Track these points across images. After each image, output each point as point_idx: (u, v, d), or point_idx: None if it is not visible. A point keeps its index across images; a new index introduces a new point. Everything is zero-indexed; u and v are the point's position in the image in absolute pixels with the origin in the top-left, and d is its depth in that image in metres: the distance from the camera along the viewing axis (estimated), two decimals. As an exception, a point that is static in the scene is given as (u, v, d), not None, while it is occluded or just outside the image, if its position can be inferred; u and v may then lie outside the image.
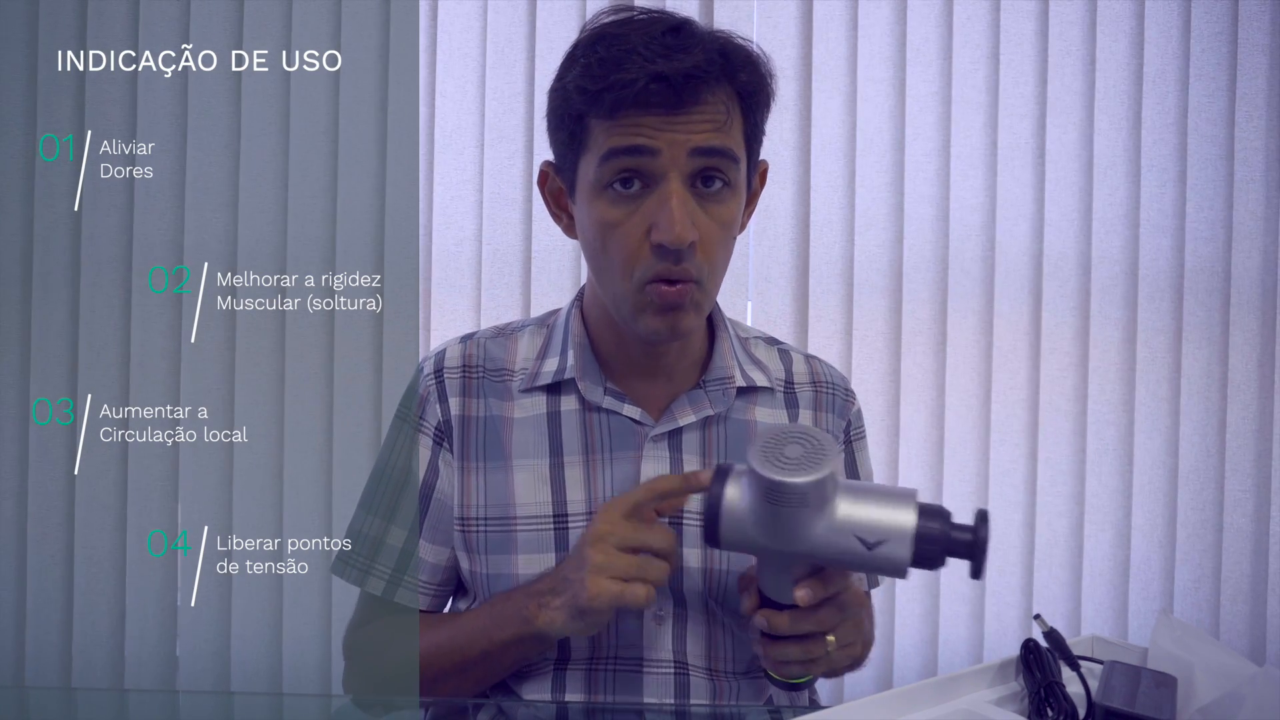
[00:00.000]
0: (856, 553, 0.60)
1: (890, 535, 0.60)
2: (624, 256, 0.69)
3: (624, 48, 0.67)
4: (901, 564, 0.60)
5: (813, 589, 0.63)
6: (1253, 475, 1.54)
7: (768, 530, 0.62)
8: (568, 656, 0.75)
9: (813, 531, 0.61)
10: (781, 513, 0.61)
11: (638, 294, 0.70)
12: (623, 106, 0.66)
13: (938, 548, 0.60)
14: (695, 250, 0.69)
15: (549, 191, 0.78)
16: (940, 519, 0.60)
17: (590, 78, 0.67)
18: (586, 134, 0.70)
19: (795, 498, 0.60)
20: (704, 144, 0.68)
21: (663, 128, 0.67)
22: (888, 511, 0.60)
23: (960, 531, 0.60)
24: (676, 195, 0.67)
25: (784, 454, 0.60)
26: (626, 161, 0.68)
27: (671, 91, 0.66)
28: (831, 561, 0.63)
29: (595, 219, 0.70)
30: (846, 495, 0.61)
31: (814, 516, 0.61)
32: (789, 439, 0.62)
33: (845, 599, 0.66)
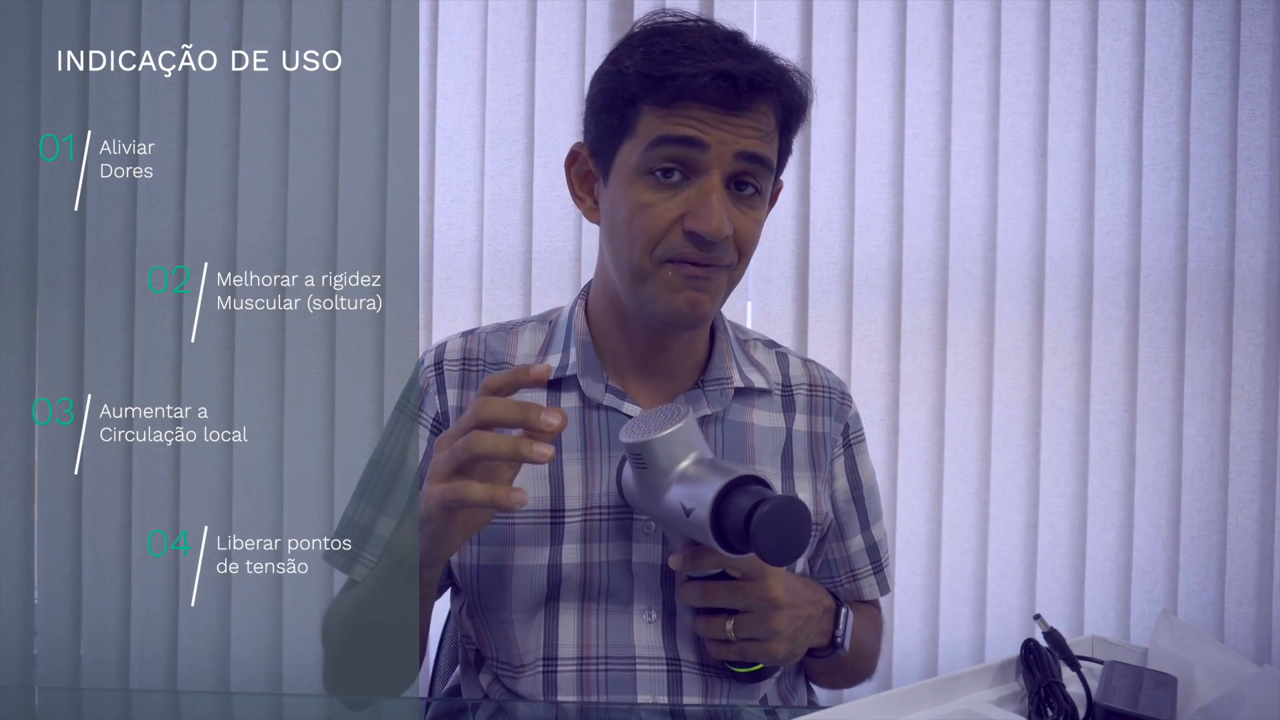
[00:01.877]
0: (679, 519, 0.64)
1: (697, 504, 0.62)
2: (651, 234, 0.71)
3: (688, 43, 0.69)
4: (707, 534, 0.62)
5: (683, 557, 0.69)
6: (1258, 476, 1.53)
7: (636, 491, 0.69)
8: (555, 656, 0.76)
9: (658, 496, 0.66)
10: (636, 474, 0.68)
11: (656, 272, 0.72)
12: (683, 97, 0.68)
13: (729, 521, 0.61)
14: (729, 244, 0.71)
15: (576, 174, 0.79)
16: (747, 496, 0.61)
17: (653, 64, 0.69)
18: (637, 119, 0.71)
19: (636, 458, 0.66)
20: (750, 149, 0.70)
21: (716, 125, 0.69)
22: (706, 483, 0.63)
23: (756, 510, 0.59)
24: (717, 190, 0.69)
25: (646, 424, 0.67)
26: (675, 150, 0.69)
27: (733, 91, 0.68)
28: (676, 529, 0.68)
29: (631, 200, 0.71)
30: (694, 465, 0.65)
31: (658, 481, 0.66)
32: (657, 414, 0.68)
33: (742, 586, 0.69)
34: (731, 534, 0.61)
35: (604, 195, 0.75)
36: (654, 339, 0.78)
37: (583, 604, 0.76)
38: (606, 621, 0.76)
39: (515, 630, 0.76)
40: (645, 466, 0.66)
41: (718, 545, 0.62)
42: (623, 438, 0.67)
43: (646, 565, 0.76)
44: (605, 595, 0.76)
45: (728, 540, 0.62)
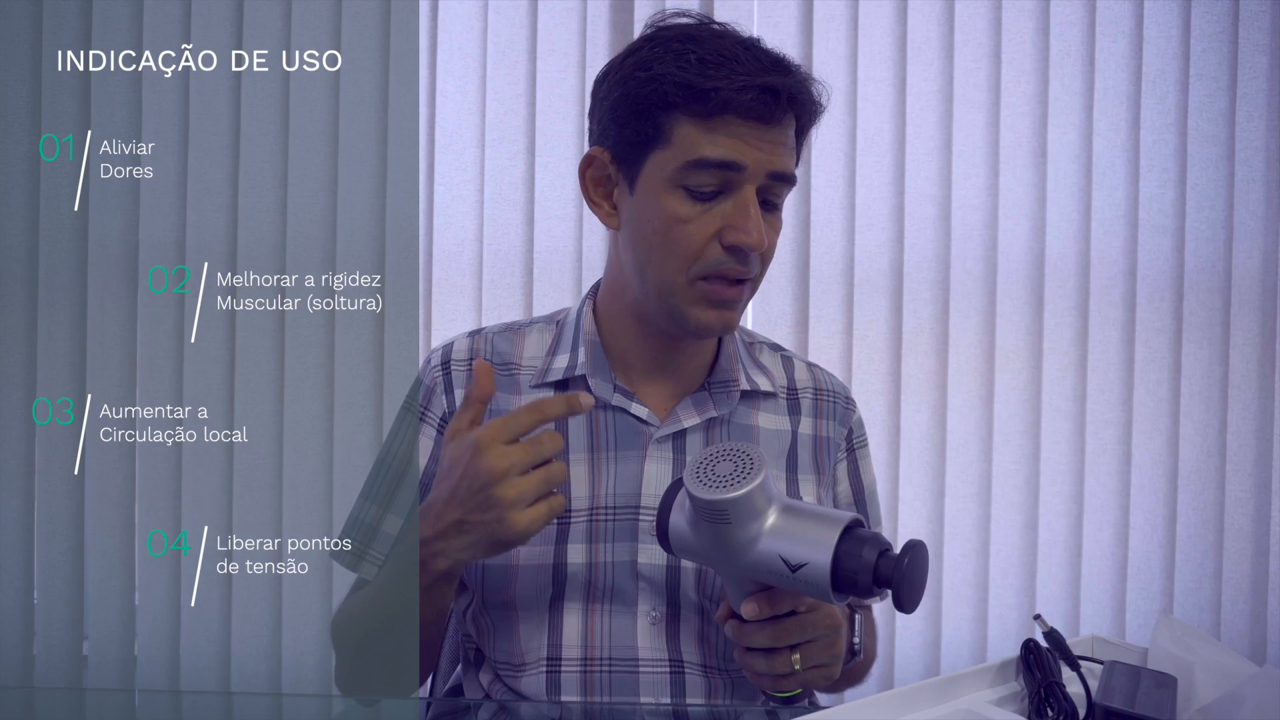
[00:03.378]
0: (781, 574, 0.60)
1: (811, 560, 0.59)
2: (689, 250, 0.71)
3: (722, 52, 0.68)
4: (824, 589, 0.59)
5: (759, 605, 0.63)
6: (1253, 475, 1.54)
7: (705, 545, 0.63)
8: (559, 656, 0.76)
9: (742, 550, 0.61)
10: (711, 529, 0.61)
11: (689, 287, 0.72)
12: (724, 110, 0.68)
13: (858, 576, 0.58)
14: (760, 256, 0.73)
15: (591, 179, 0.77)
16: (867, 545, 0.59)
17: (693, 73, 0.68)
18: (673, 129, 0.70)
19: (718, 514, 0.60)
20: (781, 169, 0.71)
21: (753, 144, 0.69)
22: (811, 536, 0.59)
23: (886, 561, 0.59)
24: (754, 204, 0.70)
25: (715, 471, 0.61)
26: (716, 174, 0.70)
27: (775, 105, 0.68)
28: (762, 580, 0.62)
29: (664, 213, 0.71)
30: (782, 515, 0.61)
31: (742, 535, 0.60)
32: (722, 457, 0.62)
33: (810, 619, 0.65)
34: (860, 584, 0.58)
35: (628, 203, 0.74)
36: (668, 343, 0.78)
37: (587, 604, 0.76)
38: (610, 622, 0.76)
39: (519, 629, 0.76)
40: (729, 523, 0.60)
41: (833, 595, 0.59)
42: (699, 493, 0.60)
43: (652, 566, 0.76)
44: (610, 596, 0.76)
45: (847, 590, 0.59)
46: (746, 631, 0.65)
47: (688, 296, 0.72)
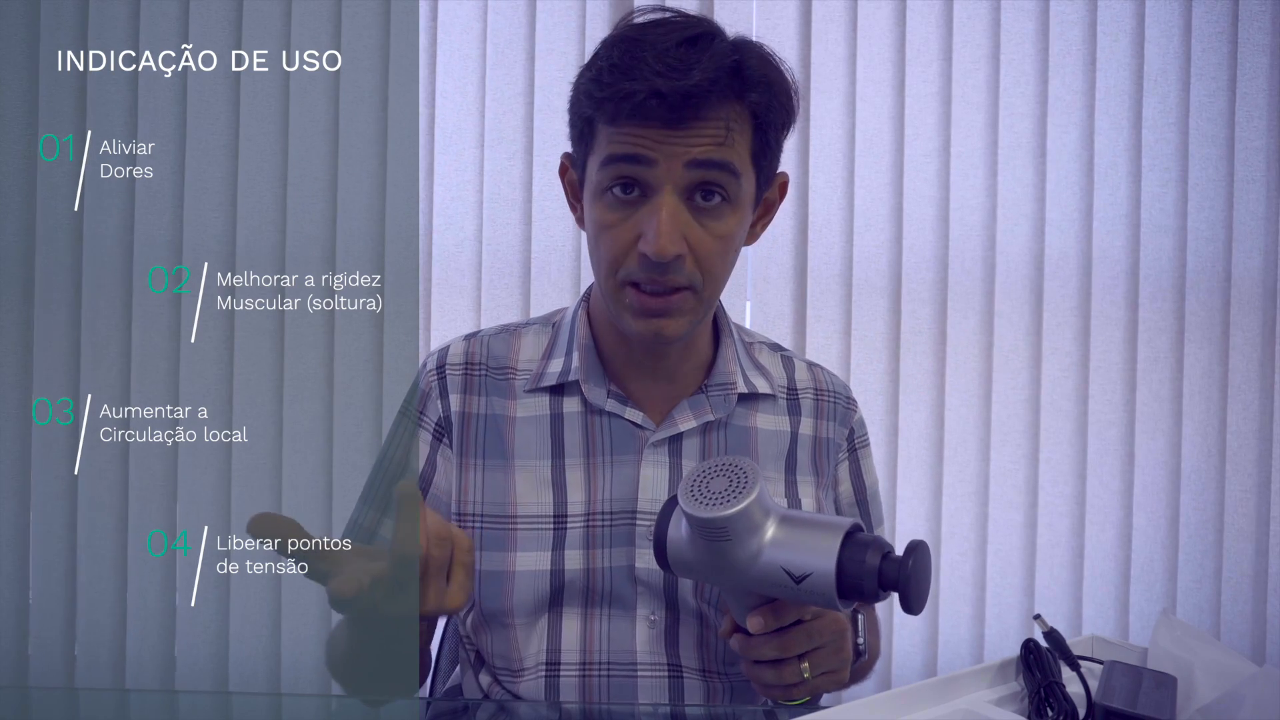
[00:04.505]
0: (786, 586, 0.60)
1: (815, 569, 0.59)
2: (611, 256, 0.70)
3: (635, 57, 0.67)
4: (830, 598, 0.59)
5: (764, 618, 0.63)
6: (1254, 475, 1.54)
7: (705, 563, 0.62)
8: (558, 661, 0.75)
9: (744, 565, 0.60)
10: (710, 546, 0.61)
11: (618, 293, 0.71)
12: (623, 116, 0.67)
13: (864, 582, 0.58)
14: (684, 262, 0.69)
15: (568, 182, 0.79)
16: (868, 550, 0.59)
17: (598, 84, 0.68)
18: (594, 136, 0.71)
19: (717, 531, 0.60)
20: (701, 156, 0.68)
21: (661, 140, 0.67)
22: (812, 546, 0.59)
23: (890, 564, 0.58)
24: (667, 208, 0.67)
25: (709, 488, 0.60)
26: (624, 169, 0.68)
27: (669, 108, 0.66)
28: (766, 593, 0.62)
29: (594, 218, 0.72)
30: (781, 527, 0.60)
31: (742, 550, 0.60)
32: (715, 473, 0.61)
33: (816, 626, 0.65)
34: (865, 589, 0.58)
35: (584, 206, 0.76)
36: (648, 348, 0.78)
37: (586, 609, 0.76)
38: (609, 627, 0.76)
39: (517, 634, 0.76)
40: (729, 539, 0.60)
41: (839, 603, 0.59)
42: (695, 511, 0.60)
43: (649, 571, 0.75)
44: (608, 601, 0.76)
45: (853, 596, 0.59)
46: (753, 645, 0.65)
47: (620, 303, 0.72)
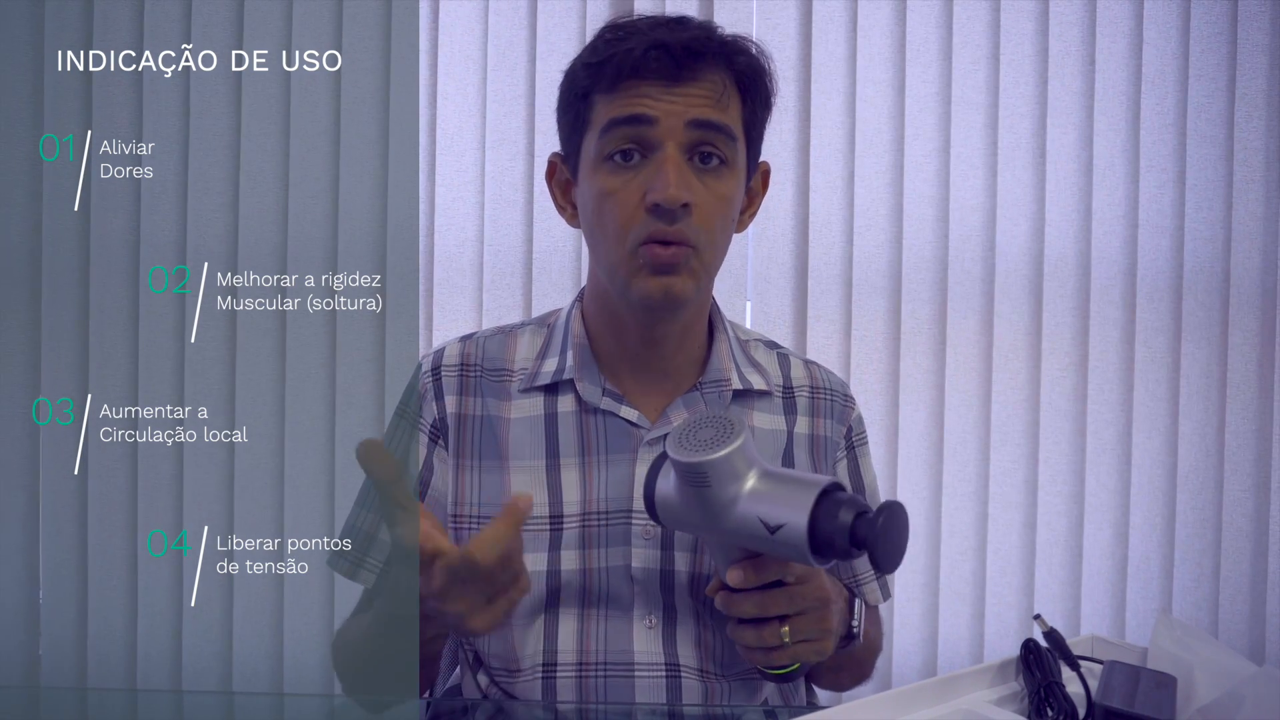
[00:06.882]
0: (761, 536, 0.61)
1: (788, 521, 0.60)
2: (620, 221, 0.71)
3: (629, 29, 0.70)
4: (802, 550, 0.60)
5: (744, 571, 0.64)
6: (1252, 475, 1.54)
7: (689, 511, 0.64)
8: (555, 661, 0.76)
9: (722, 512, 0.62)
10: (694, 492, 0.63)
11: (631, 257, 0.71)
12: (623, 76, 0.68)
13: (835, 537, 0.59)
14: (691, 213, 0.69)
15: (556, 184, 0.79)
16: (844, 507, 0.59)
17: (594, 53, 0.70)
18: (590, 111, 0.72)
19: (698, 477, 0.62)
20: (701, 116, 0.69)
21: (661, 97, 0.68)
22: (788, 498, 0.60)
23: (863, 521, 0.59)
24: (672, 160, 0.69)
25: (696, 437, 0.62)
26: (627, 131, 0.69)
27: (671, 60, 0.67)
28: (744, 545, 0.64)
29: (595, 189, 0.72)
30: (762, 479, 0.62)
31: (722, 496, 0.62)
32: (704, 424, 0.63)
33: (798, 590, 0.65)
34: (837, 545, 0.59)
35: (578, 195, 0.76)
36: (645, 335, 0.78)
37: (582, 609, 0.76)
38: (606, 627, 0.76)
39: (514, 635, 0.76)
40: (709, 485, 0.61)
41: (811, 557, 0.60)
42: (679, 456, 0.62)
43: (646, 570, 0.76)
44: (605, 601, 0.76)
45: (826, 552, 0.60)
46: (735, 601, 0.66)
47: (630, 268, 0.71)
